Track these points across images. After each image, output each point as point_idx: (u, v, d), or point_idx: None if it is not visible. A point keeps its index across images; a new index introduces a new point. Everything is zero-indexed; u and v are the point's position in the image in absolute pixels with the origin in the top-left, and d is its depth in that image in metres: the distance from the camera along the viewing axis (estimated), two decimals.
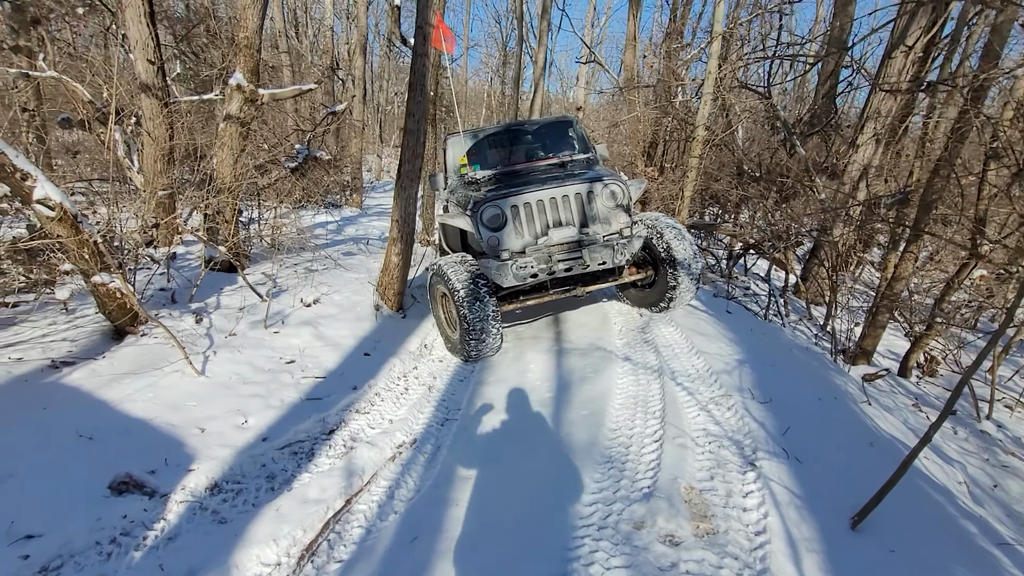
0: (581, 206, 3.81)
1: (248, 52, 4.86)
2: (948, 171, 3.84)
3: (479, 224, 3.71)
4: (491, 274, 3.68)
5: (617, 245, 3.72)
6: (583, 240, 3.74)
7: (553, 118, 5.33)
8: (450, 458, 2.82)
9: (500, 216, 3.72)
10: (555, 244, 3.72)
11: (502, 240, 3.71)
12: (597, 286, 4.13)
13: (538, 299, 4.09)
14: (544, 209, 3.76)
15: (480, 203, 3.73)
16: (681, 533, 1.97)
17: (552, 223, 3.77)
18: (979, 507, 2.47)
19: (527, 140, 5.12)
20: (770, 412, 2.80)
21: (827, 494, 2.18)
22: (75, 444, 2.44)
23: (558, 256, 3.69)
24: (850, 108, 9.08)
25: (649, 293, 4.43)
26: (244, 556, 2.10)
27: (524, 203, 3.74)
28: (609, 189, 3.87)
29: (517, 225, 3.74)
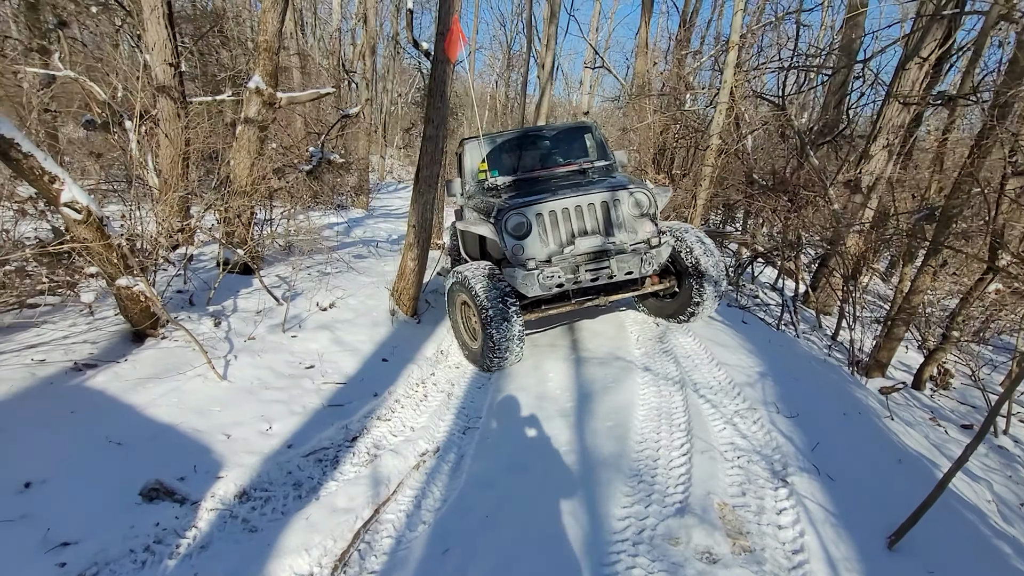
0: (607, 214, 3.76)
1: (267, 55, 4.87)
2: (968, 186, 3.85)
3: (503, 232, 3.65)
4: (516, 283, 3.62)
5: (645, 255, 3.67)
6: (610, 249, 3.68)
7: (571, 124, 5.29)
8: (475, 468, 2.82)
9: (525, 224, 3.65)
10: (581, 253, 3.65)
11: (526, 248, 3.65)
12: (619, 296, 4.08)
13: (559, 309, 4.04)
14: (569, 217, 3.70)
15: (504, 210, 3.67)
16: (718, 550, 1.97)
17: (578, 231, 3.70)
18: (1010, 526, 2.47)
19: (545, 146, 5.08)
20: (797, 427, 2.80)
21: (861, 512, 2.17)
22: (105, 449, 2.43)
23: (585, 265, 3.63)
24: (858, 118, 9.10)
25: (670, 303, 4.39)
26: (277, 566, 2.10)
27: (549, 211, 3.68)
28: (635, 197, 3.82)
29: (542, 233, 3.67)
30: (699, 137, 8.67)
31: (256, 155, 5.01)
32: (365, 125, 11.36)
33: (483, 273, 3.79)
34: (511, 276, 3.66)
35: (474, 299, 3.69)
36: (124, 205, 4.43)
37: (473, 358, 4.08)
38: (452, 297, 4.22)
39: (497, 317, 3.57)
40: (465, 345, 4.22)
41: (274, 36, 4.87)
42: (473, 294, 3.69)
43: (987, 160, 4.42)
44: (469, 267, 3.92)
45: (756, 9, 12.09)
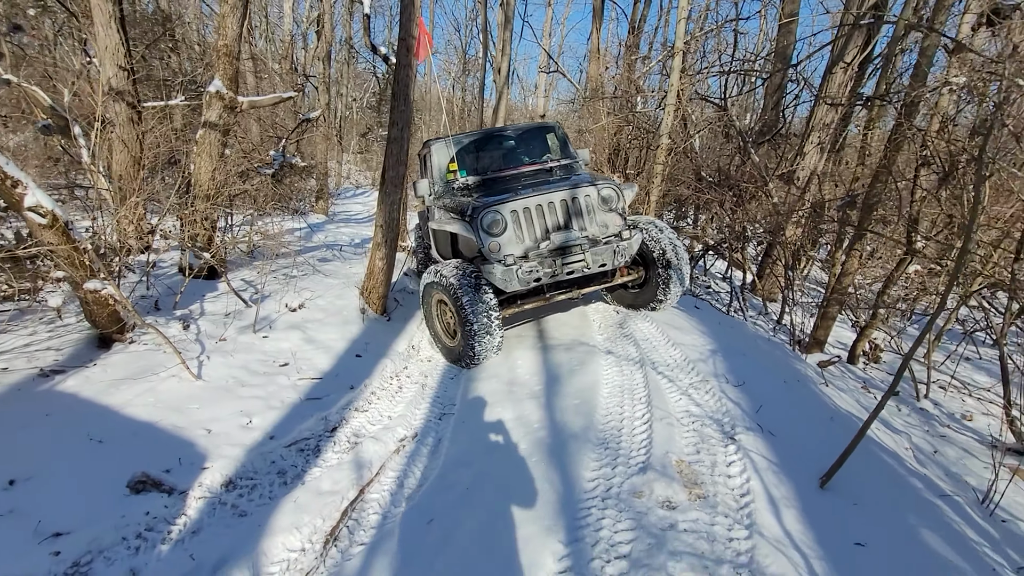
0: (579, 210, 3.90)
1: (227, 59, 4.87)
2: (886, 177, 4.31)
3: (479, 230, 3.71)
4: (495, 280, 3.69)
5: (617, 247, 3.82)
6: (583, 243, 3.81)
7: (536, 124, 5.44)
8: (453, 449, 2.98)
9: (501, 221, 3.72)
10: (557, 248, 3.77)
11: (503, 245, 3.72)
12: (591, 288, 4.26)
13: (535, 303, 4.16)
14: (543, 213, 3.81)
15: (479, 208, 3.74)
16: (677, 499, 2.21)
17: (551, 227, 3.82)
18: (923, 468, 2.84)
19: (510, 146, 5.21)
20: (744, 394, 3.10)
21: (798, 461, 2.48)
22: (87, 447, 2.46)
23: (562, 259, 3.74)
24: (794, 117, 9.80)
25: (637, 293, 4.59)
26: (270, 544, 2.20)
27: (523, 208, 3.77)
28: (604, 193, 3.97)
29: (517, 230, 3.76)
30: (650, 137, 9.11)
31: (218, 159, 4.99)
32: (323, 130, 11.28)
33: (460, 271, 3.85)
34: (490, 273, 3.73)
35: (453, 297, 3.75)
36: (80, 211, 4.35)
37: (451, 355, 4.14)
38: (428, 296, 4.26)
39: (477, 314, 3.64)
40: (442, 343, 4.28)
41: (234, 40, 4.88)
42: (452, 292, 3.75)
43: (901, 154, 4.94)
44: (445, 266, 3.97)
45: (699, 16, 12.77)
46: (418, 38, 4.31)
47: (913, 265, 5.24)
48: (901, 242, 4.72)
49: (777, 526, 2.04)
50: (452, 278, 3.79)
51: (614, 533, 2.05)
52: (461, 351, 3.90)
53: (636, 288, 4.63)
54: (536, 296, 4.22)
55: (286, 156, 6.18)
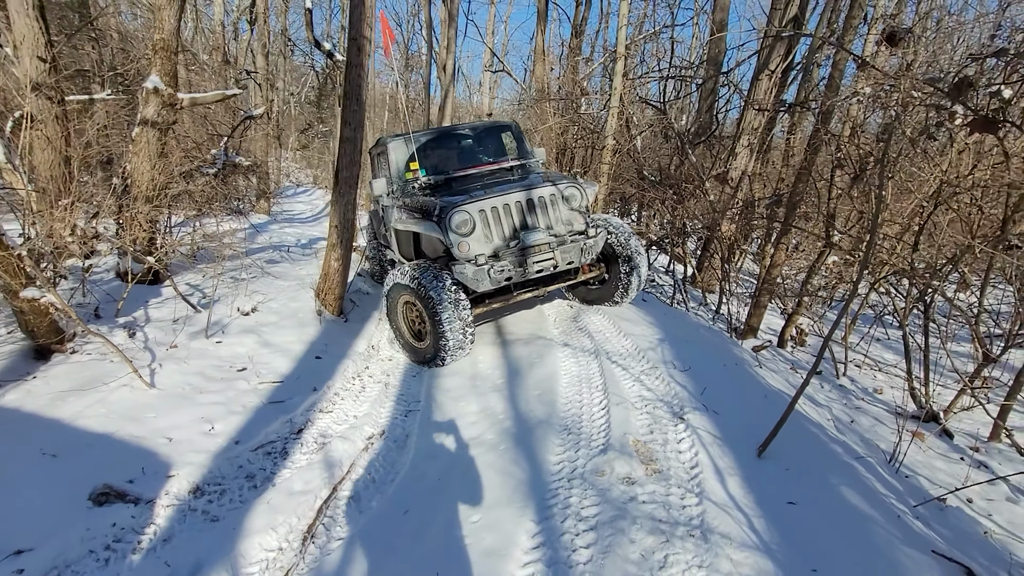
0: (545, 209, 3.96)
1: (165, 54, 4.67)
2: (807, 177, 4.77)
3: (447, 230, 3.68)
4: (466, 279, 3.69)
5: (584, 244, 3.92)
6: (551, 241, 3.88)
7: (493, 123, 5.46)
8: (422, 443, 3.08)
9: (469, 221, 3.72)
10: (528, 246, 3.81)
11: (472, 245, 3.73)
12: (556, 285, 4.36)
13: (503, 302, 4.21)
14: (510, 212, 3.84)
15: (447, 208, 3.72)
16: (635, 474, 2.43)
17: (519, 226, 3.86)
18: (842, 435, 3.22)
19: (469, 144, 5.20)
20: (689, 378, 3.39)
21: (738, 434, 2.76)
22: (41, 462, 2.36)
23: (532, 258, 3.78)
24: (726, 120, 10.46)
25: (599, 290, 4.72)
26: (246, 545, 2.22)
27: (491, 207, 3.79)
28: (569, 192, 4.05)
29: (486, 229, 3.78)
30: (595, 138, 9.46)
31: (157, 158, 4.77)
32: (265, 127, 10.87)
33: (431, 272, 3.81)
34: (461, 273, 3.73)
35: (424, 298, 3.72)
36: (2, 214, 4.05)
37: (420, 357, 4.10)
38: (393, 298, 4.19)
39: (449, 314, 3.64)
40: (409, 346, 4.24)
41: (171, 34, 4.68)
42: (423, 294, 3.72)
43: (819, 156, 5.46)
44: (413, 267, 3.93)
45: (637, 21, 13.32)
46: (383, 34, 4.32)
47: (831, 256, 5.80)
48: (820, 236, 5.23)
49: (723, 492, 2.29)
50: (423, 280, 3.75)
51: (581, 509, 2.23)
52: (432, 352, 3.89)
53: (597, 284, 4.76)
54: (503, 295, 4.26)
55: (229, 155, 5.96)
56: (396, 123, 28.05)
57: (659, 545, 2.01)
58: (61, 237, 3.59)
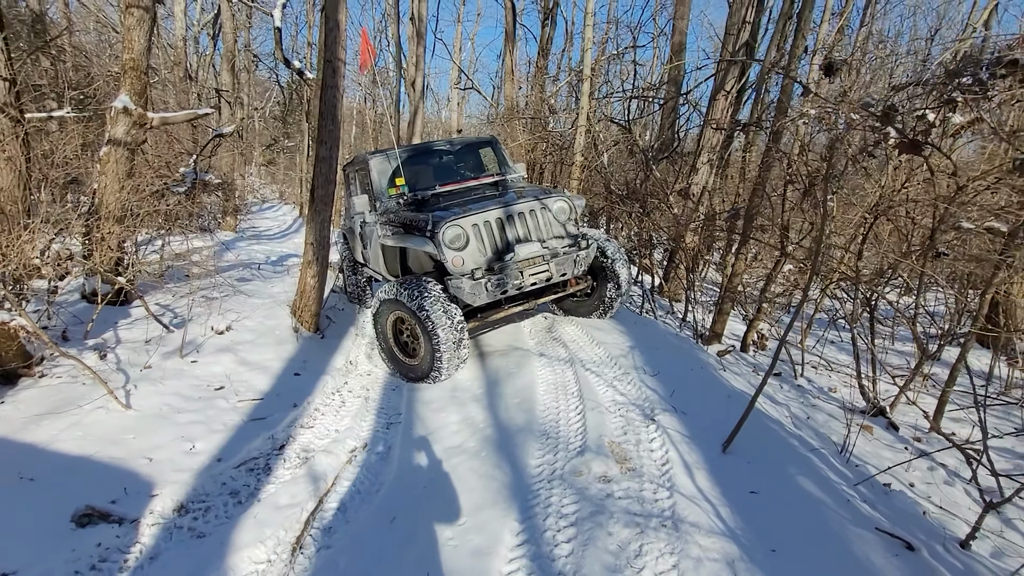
0: (537, 222, 4.01)
1: (135, 74, 4.67)
2: (761, 192, 5.11)
3: (441, 244, 3.68)
4: (463, 294, 3.70)
5: (576, 256, 3.98)
6: (545, 254, 3.93)
7: (475, 139, 5.54)
8: (405, 454, 3.15)
9: (462, 235, 3.73)
10: (522, 259, 3.84)
11: (466, 259, 3.73)
12: (545, 298, 4.41)
13: (496, 315, 4.23)
14: (503, 226, 3.87)
15: (440, 223, 3.71)
16: (611, 473, 2.58)
17: (512, 239, 3.89)
18: (799, 431, 3.46)
19: (451, 160, 5.24)
20: (659, 382, 3.58)
21: (705, 432, 2.95)
22: (20, 486, 2.33)
23: (528, 270, 3.82)
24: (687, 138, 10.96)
25: (585, 302, 4.80)
26: (235, 559, 2.25)
27: (484, 221, 3.82)
28: (559, 205, 4.12)
29: (479, 243, 3.79)
30: (564, 154, 9.76)
31: (126, 178, 4.73)
32: (231, 144, 10.75)
33: (423, 288, 3.78)
34: (457, 287, 3.73)
35: (420, 314, 3.67)
36: None
37: (412, 374, 4.06)
38: (382, 315, 4.13)
39: (445, 330, 3.62)
40: (399, 363, 4.18)
41: (141, 55, 4.69)
42: (419, 310, 3.67)
43: (774, 171, 5.83)
44: (405, 283, 3.88)
45: (601, 41, 13.83)
46: (362, 50, 4.43)
47: (787, 265, 6.17)
48: (776, 246, 5.58)
49: (691, 485, 2.46)
50: (416, 295, 3.72)
51: (561, 507, 2.36)
52: (426, 368, 3.86)
53: (584, 297, 4.82)
54: (494, 309, 4.27)
55: (198, 173, 5.92)
56: (364, 138, 27.97)
57: (634, 536, 2.16)
58: (28, 259, 3.53)
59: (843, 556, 2.09)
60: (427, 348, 3.77)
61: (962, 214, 3.55)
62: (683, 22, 9.86)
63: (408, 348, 4.12)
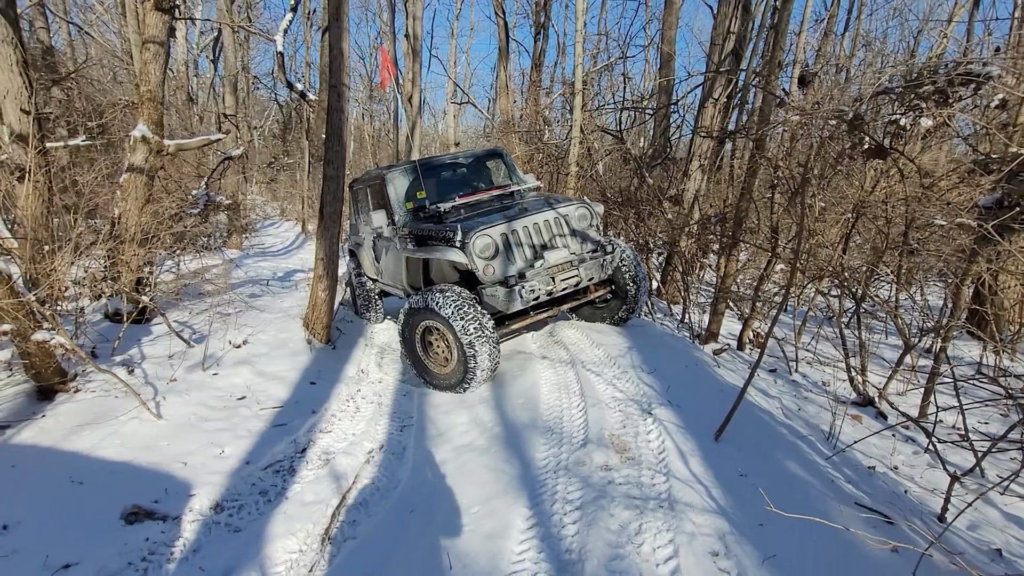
0: (562, 228, 4.09)
1: (152, 104, 4.95)
2: (748, 196, 5.35)
3: (471, 254, 3.73)
4: (498, 302, 3.75)
5: (603, 261, 4.06)
6: (573, 259, 4.01)
7: (485, 150, 5.60)
8: (419, 453, 3.37)
9: (492, 245, 3.79)
10: (552, 265, 3.92)
11: (496, 268, 3.81)
12: (569, 304, 4.50)
13: (522, 322, 4.30)
14: (530, 234, 3.95)
15: (469, 232, 3.76)
16: (612, 462, 2.79)
17: (539, 246, 3.95)
18: (789, 421, 3.67)
19: (465, 172, 5.31)
20: (656, 379, 3.80)
21: (698, 423, 3.17)
22: (69, 489, 2.55)
23: (559, 276, 3.90)
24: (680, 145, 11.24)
25: (604, 309, 4.85)
26: (271, 549, 2.46)
27: (512, 230, 3.89)
28: (581, 211, 4.20)
29: (508, 252, 3.85)
30: (559, 164, 10.03)
31: (145, 202, 4.99)
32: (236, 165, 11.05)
33: (460, 297, 3.79)
34: (492, 296, 3.78)
35: (451, 324, 3.69)
36: None
37: (441, 384, 4.08)
38: (410, 324, 4.14)
39: (479, 338, 3.65)
40: (426, 373, 4.21)
41: (157, 86, 4.97)
42: (454, 319, 3.69)
43: (763, 175, 6.08)
44: (435, 293, 3.89)
45: (593, 53, 14.18)
46: (382, 68, 4.66)
47: (778, 265, 6.40)
48: (766, 248, 5.81)
49: (686, 470, 2.67)
50: (452, 304, 3.73)
51: (567, 494, 2.57)
52: (458, 378, 3.89)
53: (602, 304, 4.88)
54: (520, 316, 4.34)
55: (210, 195, 6.19)
56: (363, 153, 28.36)
57: (634, 517, 2.37)
58: (62, 282, 3.78)
59: (825, 528, 2.29)
60: (459, 357, 3.79)
61: (935, 212, 3.79)
62: (671, 32, 10.18)
63: (440, 358, 4.13)
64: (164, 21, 4.75)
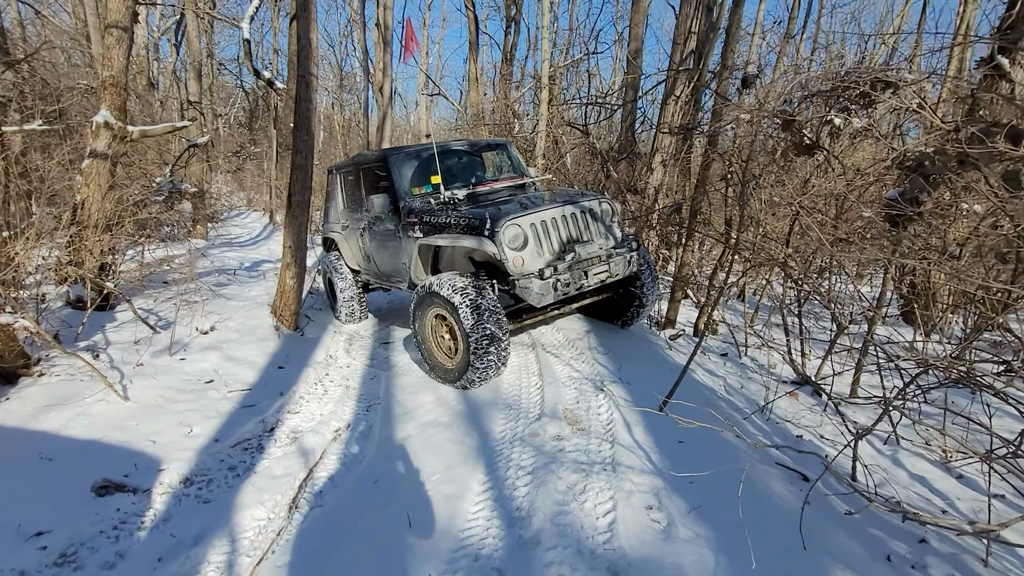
0: (587, 222, 3.98)
1: (115, 90, 4.91)
2: (702, 189, 5.66)
3: (501, 244, 3.56)
4: (530, 295, 3.54)
5: (628, 257, 3.98)
6: (602, 255, 3.90)
7: (492, 141, 5.47)
8: (384, 430, 3.53)
9: (521, 235, 3.63)
10: (583, 259, 3.79)
11: (525, 260, 3.63)
12: (583, 302, 4.40)
13: (534, 319, 4.25)
14: (557, 226, 3.81)
15: (498, 221, 3.58)
16: (564, 433, 3.02)
17: (566, 240, 3.82)
18: (731, 397, 3.98)
19: (470, 161, 5.15)
20: (610, 359, 4.05)
21: (646, 398, 3.43)
22: (40, 464, 2.63)
23: (590, 270, 3.77)
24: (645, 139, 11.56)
25: (611, 308, 4.74)
26: (240, 517, 2.60)
27: (540, 221, 3.74)
28: (604, 206, 4.12)
29: (536, 244, 3.70)
30: (528, 157, 10.22)
31: (108, 189, 4.96)
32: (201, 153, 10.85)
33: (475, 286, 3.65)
34: (525, 288, 3.56)
35: (459, 313, 3.51)
36: None
37: (446, 376, 3.89)
38: (423, 308, 3.95)
39: (490, 332, 3.49)
40: (434, 362, 4.02)
41: (120, 72, 4.93)
42: (458, 307, 3.52)
43: (717, 169, 6.41)
44: (457, 277, 3.74)
45: (563, 47, 14.39)
46: (406, 40, 4.66)
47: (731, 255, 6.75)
48: (719, 239, 6.14)
49: (630, 438, 2.92)
50: (465, 291, 3.57)
51: (520, 461, 2.79)
52: (459, 372, 3.73)
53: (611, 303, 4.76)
54: (532, 313, 4.23)
55: (174, 182, 6.14)
56: (332, 143, 27.92)
57: (580, 479, 2.60)
58: (24, 267, 3.77)
59: (748, 484, 2.57)
60: (465, 350, 3.60)
61: (864, 205, 4.13)
62: (638, 29, 10.47)
63: (448, 348, 3.93)
64: (127, 6, 4.71)
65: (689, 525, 2.26)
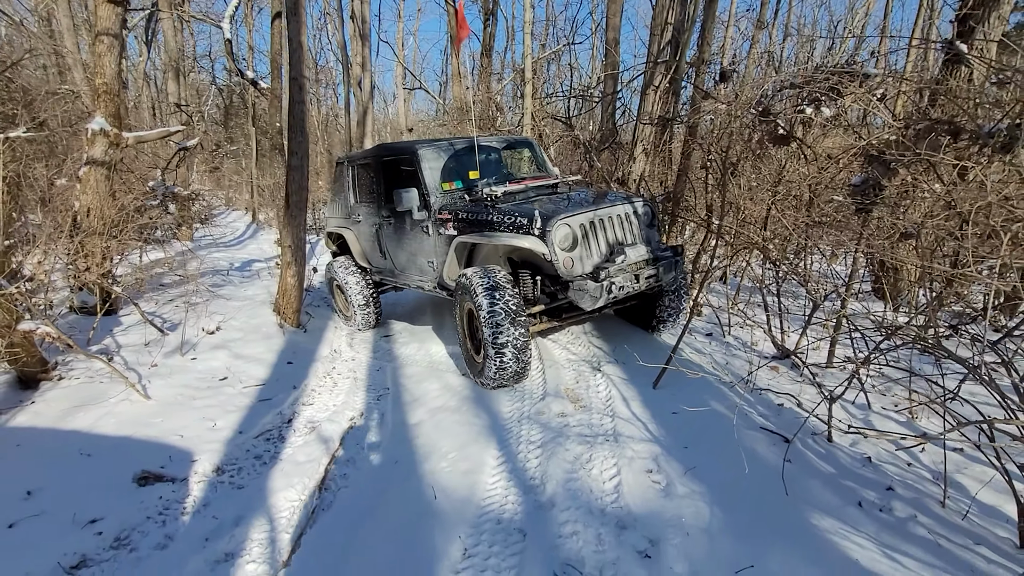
0: (632, 225, 3.88)
1: (108, 97, 4.97)
2: (684, 176, 5.93)
3: (552, 244, 3.46)
4: (584, 297, 3.44)
5: (676, 261, 3.89)
6: (649, 258, 3.80)
7: (516, 138, 5.35)
8: (397, 416, 3.75)
9: (570, 235, 3.54)
10: (633, 262, 3.69)
11: (575, 261, 3.54)
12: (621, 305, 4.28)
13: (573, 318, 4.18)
14: (604, 227, 3.72)
15: (549, 220, 3.47)
16: (567, 410, 3.28)
17: (612, 242, 3.74)
18: (717, 372, 4.29)
19: (497, 159, 5.03)
20: (605, 342, 4.33)
21: (640, 375, 3.71)
22: (80, 459, 2.79)
23: (643, 273, 3.67)
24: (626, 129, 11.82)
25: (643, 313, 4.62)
26: (274, 500, 2.81)
27: (589, 222, 3.65)
28: (645, 209, 4.03)
29: (585, 244, 3.60)
30: None
31: (106, 195, 5.03)
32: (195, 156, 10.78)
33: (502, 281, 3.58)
34: (580, 290, 3.45)
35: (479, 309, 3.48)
36: None
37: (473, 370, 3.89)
38: (461, 299, 3.87)
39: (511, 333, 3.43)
40: (466, 354, 4.04)
41: (113, 79, 4.98)
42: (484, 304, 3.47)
43: (698, 157, 6.70)
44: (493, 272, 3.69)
45: (541, 38, 14.52)
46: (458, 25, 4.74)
47: (714, 240, 7.07)
48: (702, 224, 6.44)
49: (628, 412, 3.20)
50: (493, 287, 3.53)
51: (530, 436, 3.05)
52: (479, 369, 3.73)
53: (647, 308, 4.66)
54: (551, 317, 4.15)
55: (167, 186, 6.21)
56: (314, 138, 27.60)
57: (586, 450, 2.86)
58: (48, 274, 3.88)
59: (735, 447, 2.86)
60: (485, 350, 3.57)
61: (833, 190, 4.45)
62: (616, 19, 10.66)
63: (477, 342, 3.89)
64: (117, 14, 4.76)
65: (686, 483, 2.54)
